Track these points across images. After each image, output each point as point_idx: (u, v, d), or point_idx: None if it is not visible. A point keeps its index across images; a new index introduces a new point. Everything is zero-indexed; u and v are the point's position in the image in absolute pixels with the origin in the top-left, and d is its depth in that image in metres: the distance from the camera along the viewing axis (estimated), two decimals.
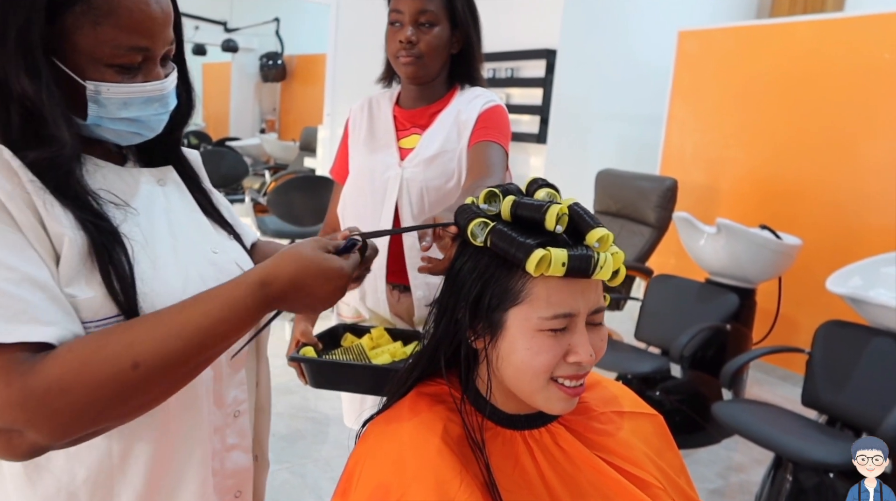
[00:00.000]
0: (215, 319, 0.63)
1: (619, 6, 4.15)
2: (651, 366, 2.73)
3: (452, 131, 1.37)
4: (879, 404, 2.12)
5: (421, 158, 1.36)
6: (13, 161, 0.61)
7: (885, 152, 3.05)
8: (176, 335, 0.61)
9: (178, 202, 0.78)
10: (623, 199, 3.54)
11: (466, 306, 0.73)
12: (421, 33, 1.34)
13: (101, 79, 0.65)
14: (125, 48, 0.65)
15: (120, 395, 0.59)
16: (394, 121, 1.44)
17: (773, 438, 2.11)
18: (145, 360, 0.59)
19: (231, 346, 0.68)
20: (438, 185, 1.34)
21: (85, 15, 0.62)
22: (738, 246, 2.96)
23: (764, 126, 3.53)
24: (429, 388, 0.81)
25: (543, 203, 0.71)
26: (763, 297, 3.16)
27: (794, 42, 3.41)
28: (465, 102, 1.40)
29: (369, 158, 1.42)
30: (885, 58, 3.03)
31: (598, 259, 0.69)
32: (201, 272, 0.74)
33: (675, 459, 0.86)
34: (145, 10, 0.65)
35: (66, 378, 0.56)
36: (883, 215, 3.05)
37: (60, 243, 0.62)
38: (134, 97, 0.68)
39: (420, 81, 1.39)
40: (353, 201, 1.43)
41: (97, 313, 0.63)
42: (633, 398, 0.89)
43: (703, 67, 3.85)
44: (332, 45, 4.24)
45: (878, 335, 2.29)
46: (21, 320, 0.56)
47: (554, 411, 0.74)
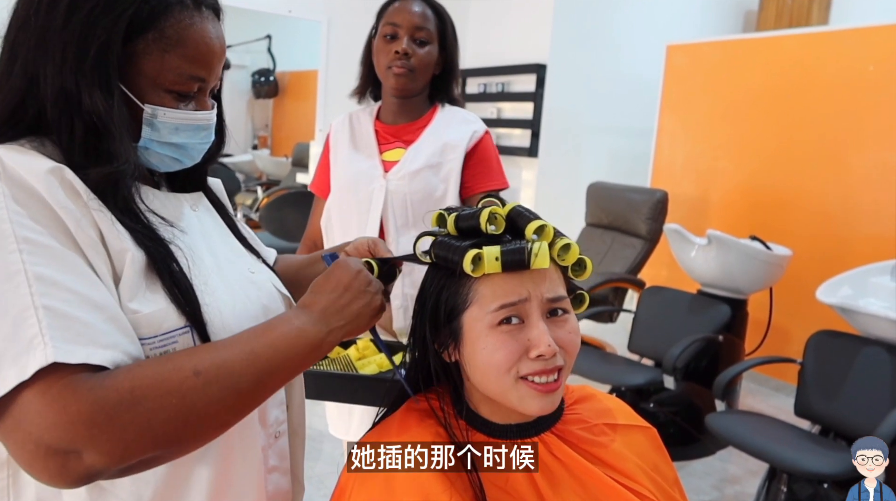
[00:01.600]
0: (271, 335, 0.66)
1: (607, 21, 4.20)
2: (644, 378, 2.73)
3: (437, 148, 1.42)
4: (872, 413, 2.13)
5: (406, 171, 1.40)
6: (75, 181, 0.62)
7: (872, 163, 3.09)
8: (236, 352, 0.63)
9: (211, 227, 0.80)
10: (614, 211, 3.56)
11: (426, 320, 0.76)
12: (415, 48, 1.39)
13: (159, 103, 0.68)
14: (186, 76, 0.68)
15: (184, 405, 0.58)
16: (375, 135, 1.48)
17: (767, 449, 2.11)
18: (206, 369, 0.60)
19: (296, 374, 0.70)
20: (422, 198, 1.38)
21: (156, 42, 0.66)
22: (728, 257, 2.97)
23: (753, 138, 3.57)
24: (420, 403, 0.81)
25: (478, 209, 0.75)
26: (755, 308, 3.17)
27: (780, 55, 3.46)
28: (450, 122, 1.46)
29: (352, 169, 1.46)
30: (870, 70, 3.08)
31: (531, 248, 0.70)
32: (245, 291, 0.75)
33: (670, 471, 0.86)
34: (209, 44, 0.69)
35: (137, 390, 0.56)
36: (871, 225, 3.08)
37: (122, 260, 0.62)
38: (185, 124, 0.71)
39: (405, 95, 1.44)
40: (338, 212, 1.46)
41: (161, 326, 0.64)
42: (627, 412, 0.89)
43: (691, 80, 3.89)
44: (323, 62, 4.26)
45: (868, 344, 2.30)
46: (80, 342, 0.55)
47: (531, 411, 0.74)
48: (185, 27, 0.67)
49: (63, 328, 0.55)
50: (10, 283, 0.55)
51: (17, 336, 0.54)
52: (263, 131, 9.69)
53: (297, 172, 6.47)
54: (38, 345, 0.53)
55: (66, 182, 0.61)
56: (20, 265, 0.55)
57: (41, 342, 0.53)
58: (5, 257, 0.55)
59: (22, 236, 0.56)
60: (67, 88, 0.63)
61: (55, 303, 0.55)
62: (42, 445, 0.53)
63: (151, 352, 0.63)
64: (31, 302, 0.54)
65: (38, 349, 0.53)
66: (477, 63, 4.39)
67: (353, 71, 1.62)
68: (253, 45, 8.76)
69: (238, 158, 8.42)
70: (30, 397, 0.53)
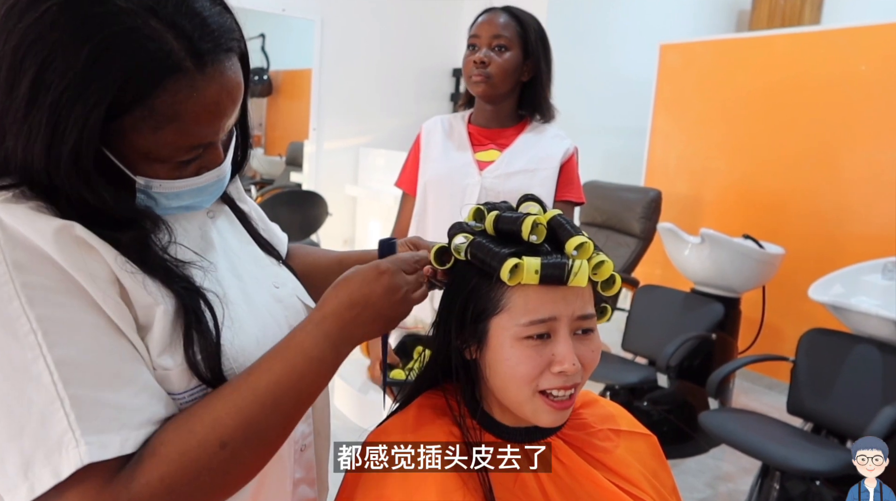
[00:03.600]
0: (289, 377, 0.61)
1: (601, 20, 4.21)
2: (638, 377, 2.74)
3: (534, 155, 1.53)
4: (863, 410, 2.14)
5: (502, 171, 1.51)
6: (90, 238, 0.54)
7: (863, 162, 3.11)
8: (255, 401, 0.59)
9: (230, 236, 0.75)
10: (608, 210, 3.57)
11: (454, 317, 0.75)
12: (493, 56, 1.48)
13: (153, 175, 0.59)
14: (185, 148, 0.58)
15: (217, 479, 0.56)
16: (469, 136, 1.58)
17: (760, 447, 2.12)
18: (232, 438, 0.56)
19: (315, 398, 0.66)
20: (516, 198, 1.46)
21: (145, 120, 0.54)
22: (722, 256, 2.98)
23: (745, 137, 3.58)
24: (430, 401, 0.82)
25: (521, 215, 0.73)
26: (748, 306, 3.19)
27: (773, 55, 3.47)
28: (543, 133, 1.57)
29: (447, 164, 1.55)
30: (862, 69, 3.09)
31: (571, 266, 0.69)
32: (272, 312, 0.72)
33: (668, 479, 0.87)
34: (213, 111, 0.57)
35: (167, 479, 0.53)
36: (863, 224, 3.10)
37: (150, 315, 0.57)
38: (188, 190, 0.62)
39: (490, 100, 1.53)
40: (434, 206, 1.56)
41: (190, 381, 0.60)
42: (629, 418, 0.90)
43: (684, 79, 3.90)
44: (317, 61, 4.25)
45: (860, 342, 2.32)
46: (112, 427, 0.52)
47: (542, 423, 0.74)
48: (182, 100, 0.54)
49: (92, 416, 0.51)
50: (30, 373, 0.50)
51: (46, 434, 0.50)
52: (257, 130, 9.65)
53: (291, 171, 6.45)
54: (69, 442, 0.50)
55: (79, 240, 0.54)
56: (38, 351, 0.51)
57: (72, 438, 0.50)
58: (21, 343, 0.50)
59: (35, 314, 0.51)
60: (40, 178, 0.54)
61: (82, 390, 0.51)
62: None
63: (182, 406, 0.60)
64: (56, 393, 0.50)
65: (70, 447, 0.50)
66: None
67: (346, 70, 1.66)
68: None
69: None
70: (65, 497, 0.51)
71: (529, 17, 1.54)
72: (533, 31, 1.52)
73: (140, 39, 0.52)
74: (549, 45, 1.57)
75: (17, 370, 0.50)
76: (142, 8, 0.52)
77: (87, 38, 0.51)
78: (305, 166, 5.23)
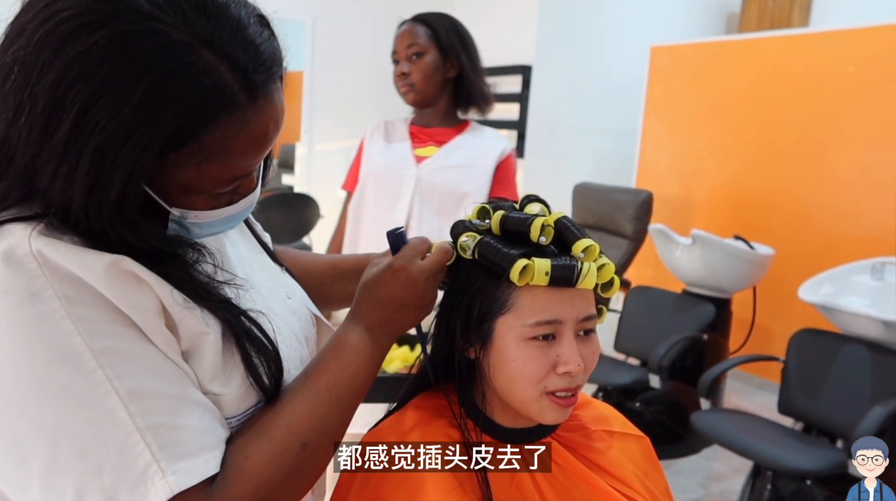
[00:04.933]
0: (345, 373, 0.64)
1: (592, 22, 4.22)
2: (630, 377, 2.75)
3: (471, 152, 1.58)
4: (853, 409, 2.16)
5: (438, 164, 1.58)
6: (141, 271, 0.52)
7: (851, 163, 3.13)
8: (321, 400, 0.61)
9: (242, 247, 0.74)
10: (600, 212, 3.58)
11: (458, 316, 0.75)
12: (412, 64, 1.55)
13: (190, 206, 0.56)
14: (227, 180, 0.56)
15: (302, 479, 0.58)
16: (410, 135, 1.65)
17: (752, 446, 2.14)
18: (309, 438, 0.58)
19: (367, 388, 0.68)
20: (449, 191, 1.54)
21: (192, 156, 0.51)
22: (712, 256, 3.00)
23: (735, 138, 3.60)
24: (428, 401, 0.82)
25: (529, 216, 0.73)
26: (738, 307, 3.20)
27: (762, 57, 3.50)
28: (482, 134, 1.62)
29: (385, 158, 1.63)
30: (850, 71, 3.12)
31: (581, 268, 0.70)
32: (290, 326, 0.71)
33: (661, 481, 0.87)
34: (262, 142, 0.55)
35: (262, 488, 0.54)
36: (852, 225, 3.12)
37: (199, 344, 0.56)
38: (221, 219, 0.60)
39: (422, 106, 1.61)
40: (371, 196, 1.62)
41: (241, 405, 0.60)
42: (622, 420, 0.91)
43: (675, 81, 3.92)
44: (308, 63, 4.25)
45: (849, 342, 2.34)
46: (192, 451, 0.51)
47: (547, 421, 0.75)
48: (233, 135, 0.52)
49: (173, 444, 0.50)
50: (104, 408, 0.48)
51: (129, 468, 0.48)
52: None
53: (283, 173, 6.44)
54: (154, 473, 0.49)
55: (129, 274, 0.52)
56: (107, 385, 0.49)
57: (157, 469, 0.49)
58: (89, 378, 0.48)
59: (97, 347, 0.49)
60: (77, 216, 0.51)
61: (158, 418, 0.50)
62: None
63: (233, 430, 0.59)
64: (134, 425, 0.49)
65: (157, 478, 0.49)
66: None
67: (338, 72, 1.72)
68: None
69: None
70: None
71: (438, 17, 1.59)
72: (443, 28, 1.56)
73: (196, 75, 0.48)
74: (467, 38, 1.60)
75: (87, 408, 0.48)
76: (196, 40, 0.49)
77: (141, 77, 0.46)
78: (297, 169, 5.22)
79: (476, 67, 1.61)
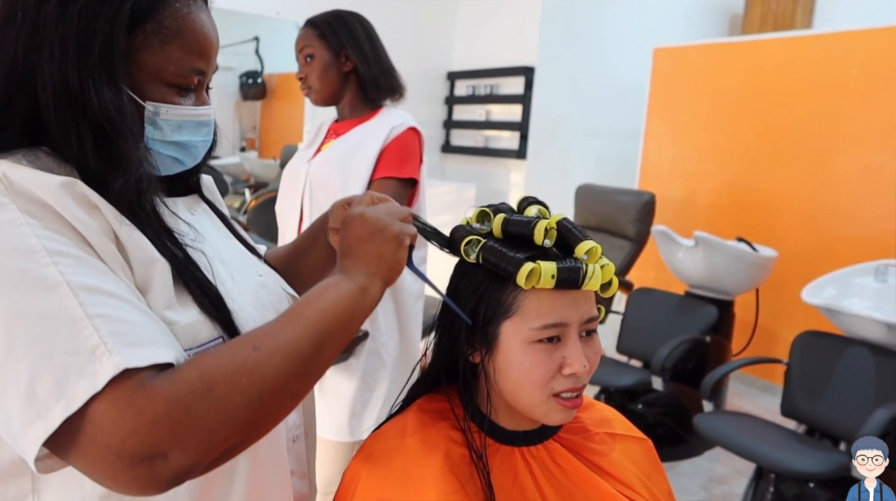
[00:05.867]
0: (311, 298, 0.65)
1: (595, 24, 4.22)
2: (633, 379, 2.74)
3: (357, 141, 1.57)
4: (856, 412, 2.15)
5: (325, 157, 1.59)
6: (90, 193, 0.58)
7: (855, 165, 3.13)
8: (280, 319, 0.62)
9: (211, 230, 0.77)
10: (602, 213, 3.58)
11: (462, 321, 0.75)
12: (307, 67, 1.58)
13: (161, 100, 0.66)
14: (188, 69, 0.66)
15: (252, 379, 0.56)
16: (329, 131, 1.69)
17: (754, 449, 2.13)
18: (263, 342, 0.58)
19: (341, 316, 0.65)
20: (330, 182, 1.55)
21: (155, 34, 0.63)
22: (715, 258, 2.99)
23: (738, 140, 3.60)
24: (430, 404, 0.82)
25: (532, 219, 0.73)
26: (741, 309, 3.20)
27: (765, 58, 3.49)
28: (381, 119, 1.61)
29: (294, 160, 1.69)
30: (853, 73, 3.11)
31: (586, 270, 0.71)
32: (259, 297, 0.73)
33: (663, 483, 0.87)
34: (207, 34, 0.68)
35: (206, 376, 0.53)
36: (855, 226, 3.12)
37: (150, 271, 0.60)
38: (188, 120, 0.68)
39: (327, 104, 1.64)
40: (280, 198, 1.69)
41: (196, 337, 0.62)
42: (624, 422, 0.91)
43: (678, 83, 3.92)
44: None
45: (852, 344, 2.33)
46: (143, 344, 0.53)
47: (552, 422, 0.75)
48: (184, 17, 0.65)
49: (123, 333, 0.52)
50: (55, 295, 0.52)
51: (78, 348, 0.51)
52: (251, 133, 9.64)
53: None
54: (103, 354, 0.51)
55: (81, 195, 0.57)
56: (60, 278, 0.52)
57: (105, 350, 0.51)
58: (41, 271, 0.52)
59: (52, 248, 0.53)
60: (71, 87, 0.59)
61: (108, 311, 0.53)
62: (125, 455, 0.50)
63: None
64: (83, 313, 0.52)
65: (105, 358, 0.50)
66: (465, 65, 4.40)
67: None
68: (241, 47, 8.70)
69: (226, 160, 8.36)
70: (101, 408, 0.50)
71: (326, 16, 1.59)
72: (328, 27, 1.57)
73: None
74: (356, 31, 1.59)
75: (41, 295, 0.52)
76: None
77: None
78: None
79: (369, 57, 1.59)
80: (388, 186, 1.50)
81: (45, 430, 0.49)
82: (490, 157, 4.30)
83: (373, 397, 1.55)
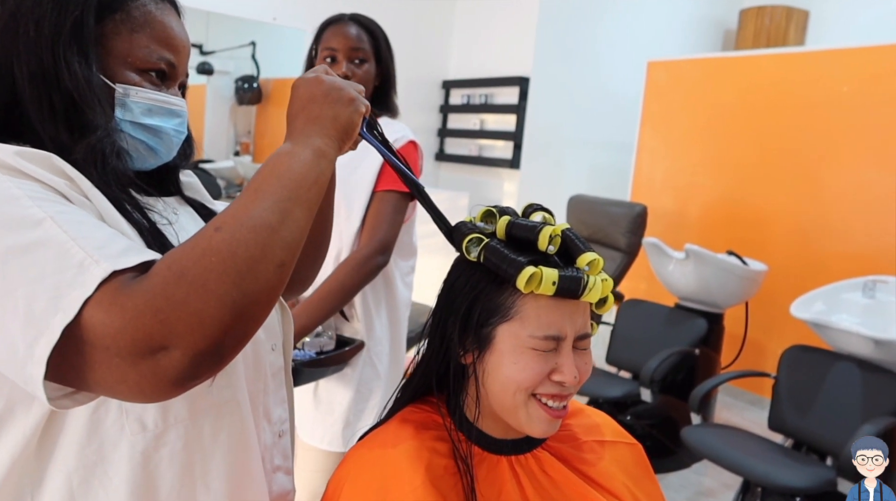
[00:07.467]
0: (267, 169, 0.64)
1: (589, 36, 4.25)
2: (622, 391, 2.74)
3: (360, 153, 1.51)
4: (843, 427, 2.16)
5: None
6: (67, 168, 0.62)
7: (845, 181, 3.15)
8: (239, 197, 0.62)
9: (194, 229, 0.76)
10: (594, 224, 3.59)
11: (457, 319, 0.74)
12: (355, 68, 1.52)
13: (130, 83, 0.69)
14: (156, 56, 0.70)
15: (220, 258, 0.55)
16: None
17: (742, 462, 2.13)
18: (224, 222, 0.58)
19: (300, 184, 0.64)
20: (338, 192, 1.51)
21: (123, 23, 0.68)
22: (706, 271, 3.01)
23: (730, 154, 3.63)
24: (415, 414, 0.81)
25: (537, 224, 0.73)
26: (731, 322, 3.21)
27: (758, 74, 3.52)
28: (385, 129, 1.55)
29: None
30: (844, 90, 3.15)
31: (587, 281, 0.70)
32: None
33: (654, 488, 0.87)
34: (174, 30, 0.72)
35: (174, 265, 0.54)
36: (845, 242, 3.14)
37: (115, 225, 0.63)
38: (158, 105, 0.71)
39: None
40: None
41: None
42: (614, 427, 0.90)
43: (671, 96, 3.95)
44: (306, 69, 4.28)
45: (840, 359, 2.34)
46: (128, 253, 0.56)
47: (535, 433, 0.74)
48: (150, 12, 0.70)
49: (107, 247, 0.55)
50: (40, 229, 0.55)
51: (66, 264, 0.53)
52: (246, 138, 9.62)
53: None
54: (90, 264, 0.53)
55: (57, 168, 0.61)
56: (43, 214, 0.55)
57: (92, 261, 0.53)
58: (26, 212, 0.55)
59: (34, 195, 0.57)
60: (45, 63, 0.64)
61: (91, 232, 0.56)
62: (124, 353, 0.51)
63: None
64: (68, 236, 0.55)
65: (93, 267, 0.53)
66: (460, 74, 4.42)
67: None
68: (237, 52, 8.70)
69: (220, 164, 8.34)
70: (92, 312, 0.52)
71: (375, 24, 1.58)
72: (382, 39, 1.57)
73: None
74: (390, 47, 1.60)
75: (27, 229, 0.55)
76: None
77: None
78: None
79: (394, 78, 1.61)
80: (390, 198, 1.50)
81: (48, 343, 0.51)
82: (484, 166, 4.31)
83: (367, 407, 1.54)
